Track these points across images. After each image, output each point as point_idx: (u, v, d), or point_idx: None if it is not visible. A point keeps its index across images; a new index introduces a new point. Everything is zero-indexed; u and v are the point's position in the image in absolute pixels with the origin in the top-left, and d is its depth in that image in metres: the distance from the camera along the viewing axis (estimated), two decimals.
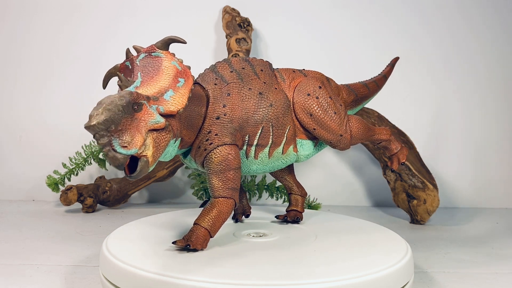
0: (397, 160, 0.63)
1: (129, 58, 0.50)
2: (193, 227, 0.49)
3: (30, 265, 0.60)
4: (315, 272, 0.44)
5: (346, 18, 1.01)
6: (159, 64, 0.49)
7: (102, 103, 0.43)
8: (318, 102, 0.56)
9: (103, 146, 0.42)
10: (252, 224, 0.61)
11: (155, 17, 1.00)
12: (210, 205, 0.50)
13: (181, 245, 0.48)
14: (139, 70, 0.49)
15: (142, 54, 0.50)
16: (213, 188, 0.50)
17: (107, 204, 0.92)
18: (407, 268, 0.48)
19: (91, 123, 0.42)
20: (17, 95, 1.00)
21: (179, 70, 0.49)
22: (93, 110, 0.42)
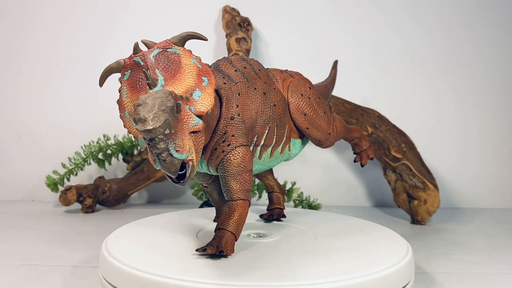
0: (366, 155, 0.66)
1: (138, 53, 0.47)
2: (220, 232, 0.47)
3: (30, 265, 0.60)
4: (315, 272, 0.43)
5: (346, 18, 1.00)
6: (178, 61, 0.46)
7: (152, 104, 0.39)
8: (310, 102, 0.57)
9: (162, 151, 0.39)
10: (252, 224, 0.61)
11: (155, 16, 1.00)
12: (229, 209, 0.48)
13: (212, 252, 0.46)
14: (156, 67, 0.46)
15: (156, 50, 0.47)
16: (231, 190, 0.48)
17: (107, 204, 0.92)
18: (408, 268, 0.48)
19: (150, 127, 0.38)
20: (16, 95, 1.00)
21: (200, 69, 0.47)
22: (143, 112, 0.39)
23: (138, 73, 0.46)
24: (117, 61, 0.48)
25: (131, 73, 0.47)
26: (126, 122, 0.46)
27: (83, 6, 1.00)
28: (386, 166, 0.88)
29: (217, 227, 0.48)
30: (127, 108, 0.46)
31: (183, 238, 0.54)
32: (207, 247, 0.47)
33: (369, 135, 0.88)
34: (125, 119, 0.46)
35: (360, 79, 1.01)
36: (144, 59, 0.46)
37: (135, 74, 0.46)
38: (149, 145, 0.39)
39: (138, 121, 0.38)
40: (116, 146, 0.92)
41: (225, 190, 0.49)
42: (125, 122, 0.47)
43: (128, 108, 0.46)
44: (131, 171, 0.93)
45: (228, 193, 0.49)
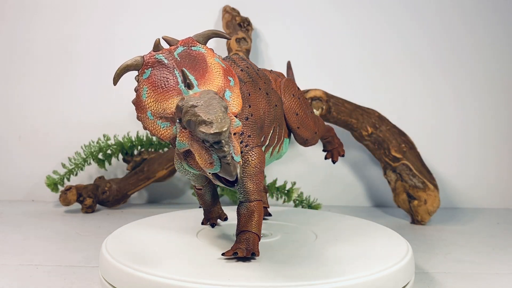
0: (337, 152, 0.68)
1: (160, 50, 0.45)
2: (245, 234, 0.47)
3: (30, 265, 0.60)
4: (315, 272, 0.43)
5: (346, 18, 1.00)
6: (203, 60, 0.45)
7: (212, 105, 0.38)
8: (300, 102, 0.58)
9: (227, 154, 0.38)
10: None
11: (155, 16, 1.00)
12: (248, 210, 0.48)
13: (243, 255, 0.45)
14: (182, 65, 0.44)
15: (180, 47, 0.45)
16: (249, 192, 0.48)
17: (107, 204, 0.92)
18: (408, 268, 0.48)
19: (220, 129, 0.37)
20: (16, 95, 1.00)
21: (225, 68, 0.46)
22: (205, 114, 0.37)
23: (162, 72, 0.44)
24: (135, 58, 0.46)
25: (152, 71, 0.45)
26: (148, 123, 0.44)
27: (83, 7, 1.00)
28: (386, 166, 0.88)
29: (240, 230, 0.48)
30: (150, 108, 0.44)
31: (183, 238, 0.54)
32: (237, 250, 0.46)
33: (369, 135, 0.88)
34: (147, 120, 0.44)
35: (360, 79, 1.00)
36: (169, 57, 0.45)
37: (157, 72, 0.45)
38: (214, 148, 0.37)
39: (200, 123, 0.37)
40: (116, 146, 0.92)
41: (241, 191, 0.48)
42: (147, 123, 0.44)
43: (151, 109, 0.44)
44: (131, 171, 0.93)
45: (245, 194, 0.48)
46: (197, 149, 0.39)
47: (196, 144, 0.39)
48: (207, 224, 0.59)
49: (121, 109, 0.99)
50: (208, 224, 0.59)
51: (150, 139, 0.93)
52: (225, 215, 0.59)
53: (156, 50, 0.46)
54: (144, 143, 0.93)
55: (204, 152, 0.38)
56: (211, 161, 0.38)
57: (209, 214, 0.59)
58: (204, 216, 0.59)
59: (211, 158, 0.38)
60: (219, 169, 0.38)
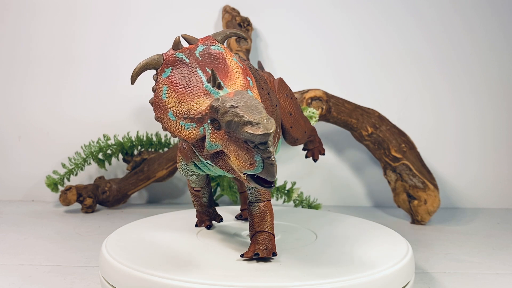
0: (318, 151, 0.68)
1: (180, 49, 0.44)
2: (262, 235, 0.47)
3: (30, 265, 0.60)
4: (315, 272, 0.43)
5: (346, 18, 1.00)
6: (223, 59, 0.45)
7: (255, 106, 0.38)
8: (293, 102, 0.58)
9: (271, 155, 0.37)
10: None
11: (155, 16, 1.00)
12: (260, 210, 0.48)
13: (265, 255, 0.45)
14: (205, 65, 0.43)
15: (201, 46, 0.45)
16: (260, 192, 0.48)
17: (107, 204, 0.92)
18: (408, 268, 0.48)
19: (271, 130, 0.36)
20: (16, 96, 1.00)
21: (242, 68, 0.45)
22: (250, 114, 0.37)
23: (183, 71, 0.43)
24: (154, 57, 0.44)
25: (172, 70, 0.44)
26: (170, 124, 0.43)
27: (84, 7, 1.00)
28: (386, 166, 0.88)
29: (255, 230, 0.47)
30: (172, 109, 0.43)
31: (183, 238, 0.54)
32: (258, 251, 0.46)
33: (369, 135, 0.88)
34: (168, 121, 0.43)
35: (360, 79, 1.00)
36: (190, 57, 0.44)
37: (179, 72, 0.44)
38: (258, 149, 0.37)
39: (245, 124, 0.37)
40: (116, 146, 0.92)
41: (253, 191, 0.48)
42: (168, 124, 0.43)
43: (173, 109, 0.43)
44: (131, 171, 0.93)
45: (257, 195, 0.48)
46: (234, 150, 0.38)
47: (234, 145, 0.38)
48: (201, 226, 0.58)
49: (121, 109, 0.99)
50: (202, 226, 0.58)
51: (150, 139, 0.93)
52: (220, 217, 0.59)
53: (175, 49, 0.44)
54: (144, 143, 0.93)
55: (245, 153, 0.37)
56: (252, 162, 0.37)
57: (204, 216, 0.58)
58: (198, 218, 0.58)
59: (252, 159, 0.37)
60: (261, 170, 0.37)
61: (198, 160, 0.47)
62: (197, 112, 0.41)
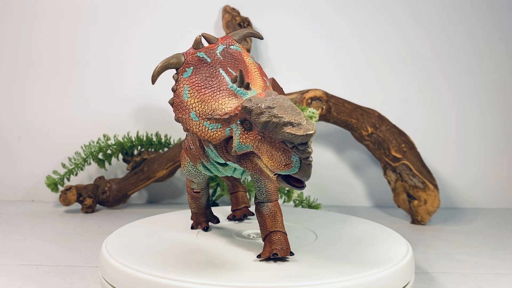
0: None
1: (200, 48, 0.44)
2: (276, 235, 0.47)
3: (30, 265, 0.60)
4: (315, 272, 0.43)
5: (346, 18, 1.00)
6: (242, 59, 0.44)
7: (293, 107, 0.38)
8: None
9: (310, 155, 0.37)
10: (252, 224, 0.61)
11: (155, 16, 1.00)
12: (271, 210, 0.48)
13: (283, 255, 0.46)
14: (227, 65, 0.43)
15: (221, 46, 0.44)
16: (270, 192, 0.49)
17: (107, 204, 0.92)
18: (408, 268, 0.48)
19: (312, 130, 0.36)
20: (16, 96, 1.00)
21: (259, 68, 0.45)
22: (290, 115, 0.37)
23: (205, 71, 0.43)
24: (176, 56, 0.44)
25: (194, 70, 0.43)
26: (192, 125, 0.42)
27: (83, 8, 1.00)
28: (386, 166, 0.88)
29: (269, 230, 0.47)
30: (194, 109, 0.42)
31: (183, 239, 0.54)
32: (276, 251, 0.46)
33: (369, 135, 0.88)
34: (190, 121, 0.42)
35: (360, 79, 1.00)
36: (211, 56, 0.43)
37: (201, 71, 0.43)
38: (298, 149, 0.36)
39: (285, 125, 0.36)
40: (116, 146, 0.92)
41: (263, 191, 0.48)
42: (191, 125, 0.42)
43: (195, 110, 0.42)
44: (131, 171, 0.93)
45: (266, 195, 0.49)
46: (268, 151, 0.38)
47: (267, 146, 0.38)
48: (197, 228, 0.57)
49: (121, 109, 0.99)
50: (199, 228, 0.57)
51: (150, 139, 0.93)
52: (216, 218, 0.59)
53: (196, 48, 0.44)
54: (144, 143, 0.93)
55: (280, 154, 0.37)
56: (287, 162, 0.37)
57: (200, 218, 0.57)
58: (194, 220, 0.58)
59: (288, 160, 0.37)
60: (297, 170, 0.37)
61: (208, 161, 0.47)
62: (223, 112, 0.41)
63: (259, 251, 0.49)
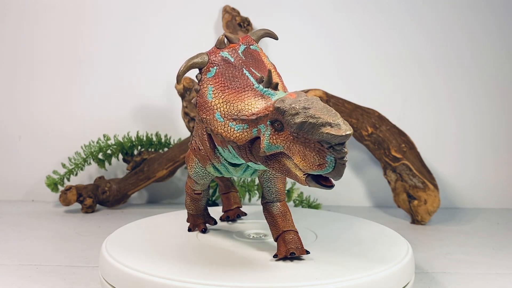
0: None
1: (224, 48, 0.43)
2: (290, 234, 0.48)
3: (30, 265, 0.60)
4: (315, 273, 0.43)
5: (346, 18, 1.00)
6: (261, 59, 0.44)
7: (327, 108, 0.38)
8: None
9: (345, 155, 0.37)
10: (252, 224, 0.61)
11: (154, 16, 1.00)
12: (280, 210, 0.49)
13: (300, 254, 0.46)
14: (249, 65, 0.43)
15: (242, 45, 0.44)
16: (280, 192, 0.49)
17: (107, 204, 0.92)
18: (408, 268, 0.48)
19: (351, 131, 0.37)
20: (16, 95, 1.00)
21: (274, 68, 0.45)
22: (327, 116, 0.37)
23: (229, 71, 0.43)
24: (200, 55, 0.43)
25: (218, 70, 0.43)
26: (217, 126, 0.42)
27: (82, 8, 1.00)
28: (386, 166, 0.88)
29: (282, 229, 0.48)
30: (219, 110, 0.42)
31: (183, 239, 0.54)
32: (292, 251, 0.46)
33: (369, 135, 0.88)
34: (215, 122, 0.42)
35: (360, 79, 1.00)
36: (235, 56, 0.43)
37: (224, 71, 0.43)
38: (334, 149, 0.36)
39: (324, 125, 0.36)
40: (116, 146, 0.92)
41: (273, 191, 0.49)
42: (216, 125, 0.42)
43: (220, 110, 0.42)
44: (131, 171, 0.93)
45: (276, 194, 0.49)
46: (300, 151, 0.38)
47: (300, 146, 0.38)
48: (194, 230, 0.57)
49: (121, 109, 0.99)
50: (196, 230, 0.57)
51: (150, 139, 0.93)
52: (213, 219, 0.58)
53: (220, 47, 0.43)
54: (144, 143, 0.93)
55: (314, 154, 0.37)
56: (321, 162, 0.37)
57: (198, 220, 0.57)
58: (191, 222, 0.57)
59: (321, 160, 0.37)
60: (331, 170, 0.37)
61: (218, 162, 0.47)
62: (250, 113, 0.40)
63: (258, 251, 0.49)
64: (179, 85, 0.45)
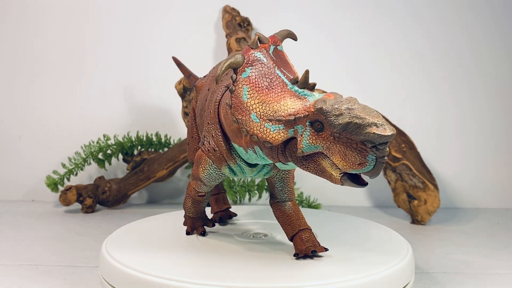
0: None
1: (257, 48, 0.44)
2: (306, 232, 0.49)
3: (30, 265, 0.60)
4: (315, 272, 0.43)
5: (346, 18, 1.00)
6: (286, 60, 0.45)
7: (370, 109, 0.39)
8: None
9: (386, 154, 0.38)
10: (251, 224, 0.61)
11: (154, 16, 1.00)
12: (293, 209, 0.50)
13: (321, 251, 0.48)
14: (279, 65, 0.43)
15: (271, 46, 0.44)
16: (291, 191, 0.51)
17: (107, 204, 0.92)
18: (408, 268, 0.48)
19: (395, 131, 0.38)
20: (16, 95, 1.00)
21: None
22: (370, 117, 0.38)
23: (263, 71, 0.43)
24: (236, 56, 0.43)
25: (252, 70, 0.43)
26: (253, 126, 0.41)
27: (85, 9, 1.00)
28: (386, 166, 0.88)
29: (298, 228, 0.49)
30: (255, 110, 0.42)
31: (184, 239, 0.54)
32: (313, 249, 0.47)
33: None
34: (251, 123, 0.41)
35: (360, 79, 1.00)
36: (267, 56, 0.43)
37: (258, 72, 0.43)
38: (377, 149, 0.37)
39: (370, 125, 0.37)
40: (116, 146, 0.92)
41: (285, 191, 0.50)
42: (252, 126, 0.41)
43: (256, 111, 0.42)
44: (131, 171, 0.93)
45: (288, 194, 0.51)
46: (341, 150, 0.38)
47: (341, 145, 0.38)
48: (193, 233, 0.56)
49: (121, 109, 0.99)
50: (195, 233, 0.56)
51: (150, 139, 0.93)
52: (211, 221, 0.58)
53: (253, 47, 0.44)
54: (144, 143, 0.93)
55: (356, 154, 0.37)
56: (362, 161, 0.37)
57: (197, 222, 0.56)
58: (190, 225, 0.56)
59: (363, 159, 0.37)
60: (371, 168, 0.38)
61: (235, 163, 0.47)
62: (287, 114, 0.41)
63: (258, 252, 0.50)
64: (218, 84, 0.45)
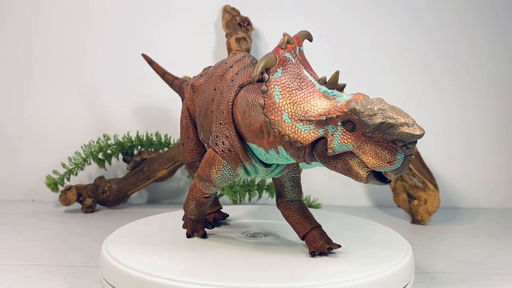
0: None
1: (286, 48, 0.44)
2: (319, 230, 0.50)
3: (30, 265, 0.60)
4: (315, 273, 0.43)
5: (346, 17, 1.00)
6: (306, 60, 0.46)
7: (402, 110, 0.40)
8: None
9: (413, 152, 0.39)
10: (251, 224, 0.61)
11: (154, 16, 1.00)
12: (302, 207, 0.52)
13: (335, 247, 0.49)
14: (305, 66, 0.44)
15: (297, 47, 0.45)
16: (300, 190, 0.52)
17: (107, 204, 0.92)
18: (408, 268, 0.48)
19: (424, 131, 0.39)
20: (16, 95, 1.00)
21: None
22: (405, 117, 0.39)
23: (293, 72, 0.43)
24: (271, 56, 0.43)
25: (283, 71, 0.43)
26: (285, 127, 0.42)
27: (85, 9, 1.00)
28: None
29: (310, 226, 0.50)
30: (287, 111, 0.42)
31: (184, 239, 0.54)
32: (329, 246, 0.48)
33: None
34: (283, 123, 0.42)
35: (360, 79, 1.00)
36: (294, 56, 0.44)
37: (288, 72, 0.43)
38: (407, 147, 0.39)
39: (402, 125, 0.38)
40: (116, 146, 0.92)
41: (295, 190, 0.51)
42: (284, 127, 0.42)
43: (288, 111, 0.42)
44: (131, 171, 0.93)
45: (298, 193, 0.52)
46: (372, 149, 0.39)
47: (372, 145, 0.39)
48: (193, 236, 0.55)
49: (121, 109, 0.99)
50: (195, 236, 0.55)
51: (150, 139, 0.93)
52: (211, 223, 0.58)
53: (283, 48, 0.44)
54: (144, 143, 0.93)
55: (386, 152, 0.39)
56: (391, 160, 0.39)
57: (198, 225, 0.56)
58: (190, 228, 0.55)
59: (392, 157, 0.39)
60: (399, 165, 0.39)
61: (250, 163, 0.48)
62: (317, 114, 0.41)
63: (258, 252, 0.50)
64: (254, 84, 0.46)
